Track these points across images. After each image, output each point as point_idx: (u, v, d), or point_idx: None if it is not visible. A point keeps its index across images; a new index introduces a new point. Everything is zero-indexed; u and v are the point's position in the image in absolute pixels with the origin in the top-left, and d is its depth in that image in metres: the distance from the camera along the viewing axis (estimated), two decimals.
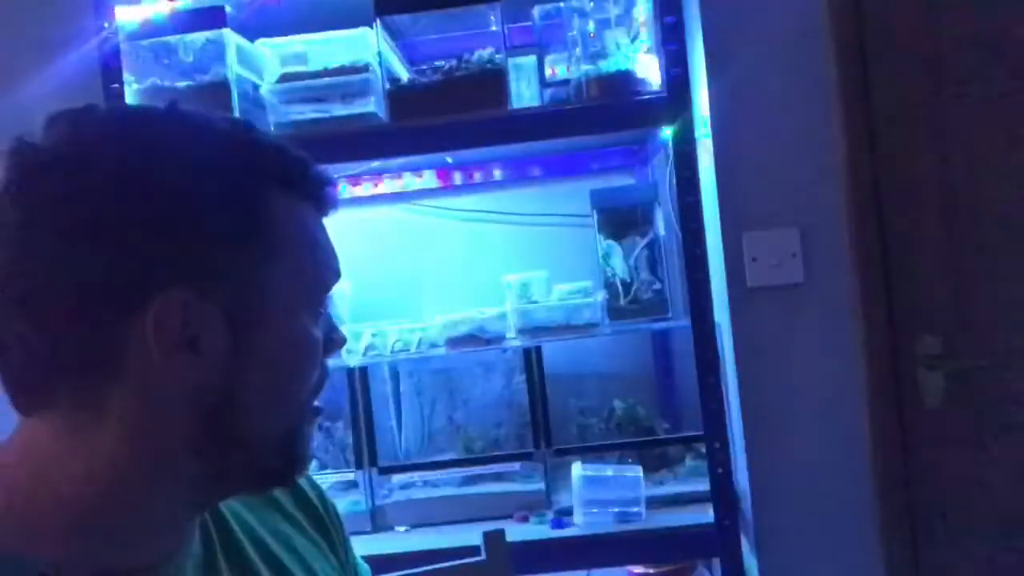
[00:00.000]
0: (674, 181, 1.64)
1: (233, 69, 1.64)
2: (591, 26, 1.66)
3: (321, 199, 0.66)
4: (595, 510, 1.67)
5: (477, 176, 2.07)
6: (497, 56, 1.65)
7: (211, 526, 0.69)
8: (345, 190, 2.02)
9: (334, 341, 0.68)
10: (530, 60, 1.78)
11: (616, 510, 1.66)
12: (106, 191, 0.57)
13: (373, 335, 1.82)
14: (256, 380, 0.61)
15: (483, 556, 1.25)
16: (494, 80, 1.64)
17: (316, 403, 0.67)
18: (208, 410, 0.59)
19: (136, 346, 0.57)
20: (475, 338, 1.79)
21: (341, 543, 0.83)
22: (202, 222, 0.58)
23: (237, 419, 0.61)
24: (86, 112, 0.61)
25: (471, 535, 1.40)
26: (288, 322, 0.62)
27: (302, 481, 0.81)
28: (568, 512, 1.71)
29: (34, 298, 0.56)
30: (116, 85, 1.62)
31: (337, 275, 0.67)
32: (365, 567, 0.89)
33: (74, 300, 0.56)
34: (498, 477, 1.84)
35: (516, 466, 1.82)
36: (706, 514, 1.61)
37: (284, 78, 1.68)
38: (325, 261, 0.66)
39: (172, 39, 1.65)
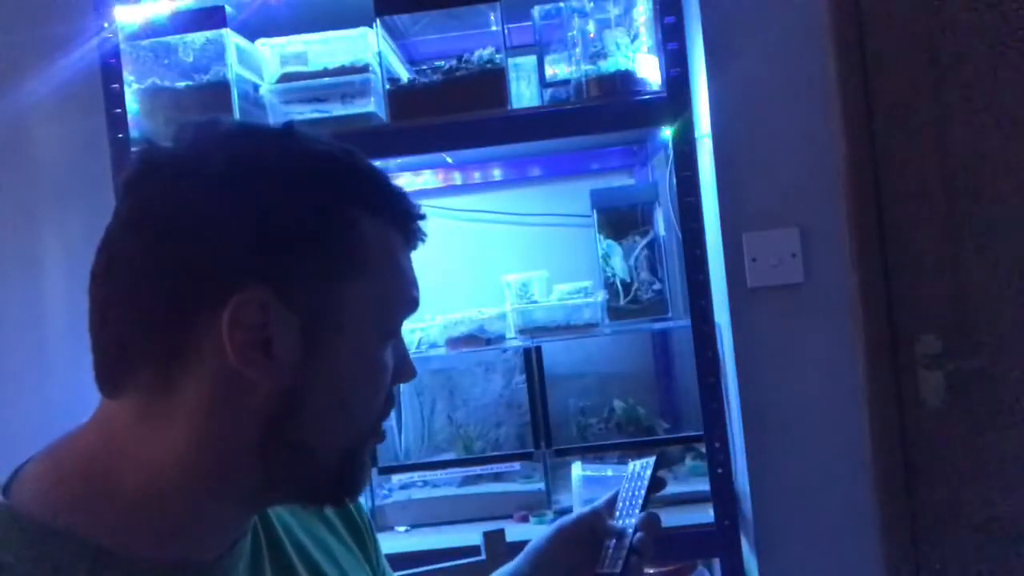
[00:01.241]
0: (674, 181, 1.64)
1: (233, 69, 1.64)
2: (591, 26, 1.66)
3: (411, 232, 0.68)
4: None
5: (477, 176, 2.07)
6: (497, 56, 1.65)
7: (259, 528, 0.71)
8: None
9: (403, 372, 0.70)
10: (530, 60, 1.78)
11: None
12: (207, 193, 0.59)
13: None
14: (321, 393, 0.62)
15: (483, 556, 1.25)
16: (494, 80, 1.64)
17: (381, 428, 0.69)
18: (272, 416, 0.60)
19: (212, 341, 0.58)
20: (475, 338, 1.79)
21: (375, 552, 0.85)
22: (292, 230, 0.60)
23: (299, 429, 0.61)
24: (210, 123, 0.64)
25: (471, 535, 1.41)
26: (361, 342, 0.63)
27: None
28: (568, 512, 1.70)
29: (133, 284, 0.59)
30: (116, 85, 1.62)
31: (415, 306, 0.69)
32: (392, 573, 0.91)
33: (166, 290, 0.58)
34: (498, 477, 1.84)
35: (516, 466, 1.82)
36: (706, 514, 1.61)
37: (284, 78, 1.68)
38: (405, 290, 0.68)
39: (172, 39, 1.65)
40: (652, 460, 1.02)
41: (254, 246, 0.59)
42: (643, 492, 1.01)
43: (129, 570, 0.58)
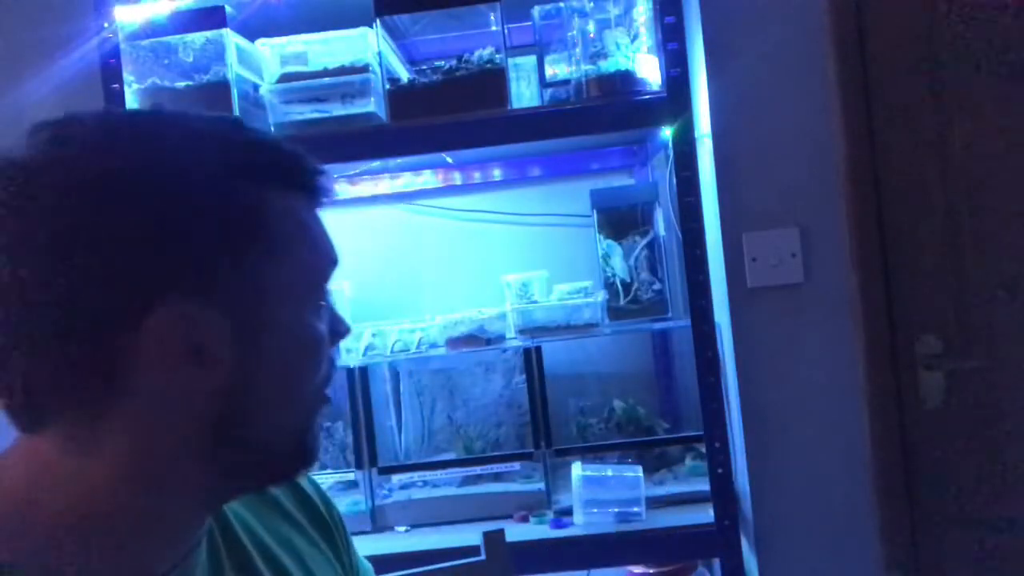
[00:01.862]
0: (674, 181, 1.64)
1: (233, 69, 1.64)
2: (591, 26, 1.66)
3: (314, 190, 0.65)
4: (595, 510, 1.67)
5: (477, 176, 2.07)
6: (497, 56, 1.65)
7: (216, 531, 0.69)
8: (345, 190, 2.02)
9: (339, 332, 0.68)
10: (530, 60, 1.78)
11: (616, 510, 1.67)
12: (91, 203, 0.54)
13: (373, 335, 1.82)
14: (265, 382, 0.60)
15: (483, 556, 1.25)
16: (494, 80, 1.64)
17: (325, 392, 0.67)
18: (217, 416, 0.59)
19: (139, 361, 0.55)
20: (475, 338, 1.79)
21: (343, 545, 0.83)
22: (195, 227, 0.56)
23: (247, 422, 0.60)
24: (68, 122, 0.59)
25: (471, 535, 1.41)
26: (292, 320, 0.62)
27: (305, 483, 0.81)
28: (568, 512, 1.71)
29: (30, 318, 0.54)
30: (116, 85, 1.62)
31: (335, 263, 0.66)
32: (368, 566, 0.89)
33: (70, 318, 0.54)
34: (498, 477, 1.84)
35: (516, 466, 1.82)
36: (706, 514, 1.61)
37: (284, 78, 1.68)
38: (323, 252, 0.65)
39: (172, 39, 1.65)
40: None
41: (157, 255, 0.55)
42: None
43: None
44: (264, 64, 1.72)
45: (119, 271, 0.54)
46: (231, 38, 1.64)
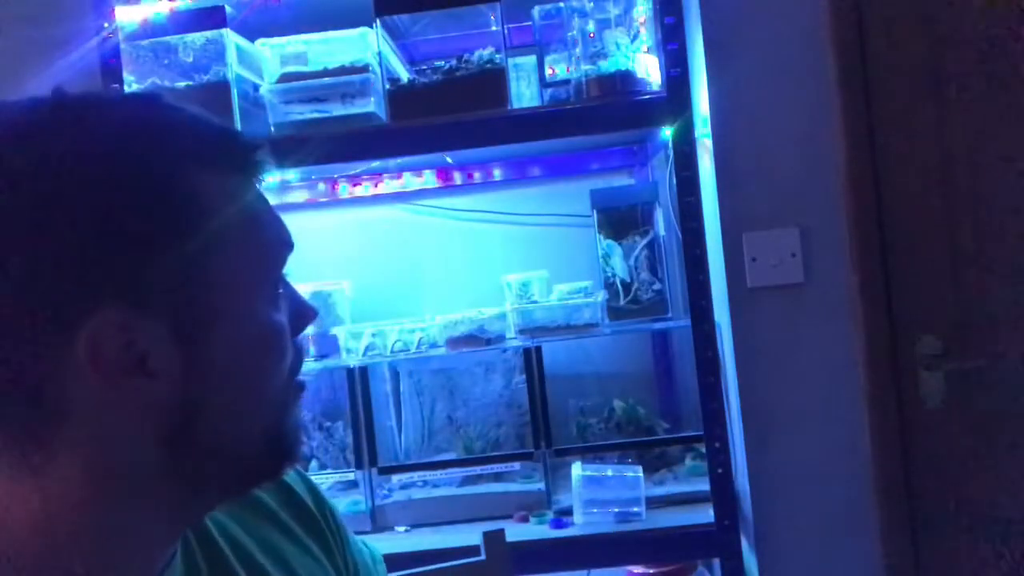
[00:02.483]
0: (674, 181, 1.64)
1: (233, 69, 1.64)
2: (591, 26, 1.66)
3: (251, 166, 0.58)
4: (595, 510, 1.67)
5: (477, 176, 2.07)
6: (497, 56, 1.65)
7: (193, 543, 0.64)
8: (345, 190, 2.02)
9: (303, 315, 0.62)
10: (530, 60, 1.78)
11: (616, 510, 1.67)
12: (8, 211, 0.49)
13: (373, 335, 1.82)
14: (221, 385, 0.55)
15: (483, 556, 1.25)
16: (494, 80, 1.64)
17: (298, 381, 0.62)
18: (173, 431, 0.53)
19: (76, 379, 0.50)
20: (475, 338, 1.79)
21: (339, 545, 0.78)
22: (120, 225, 0.50)
23: (206, 430, 0.54)
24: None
25: (471, 535, 1.41)
26: (243, 314, 0.56)
27: (297, 484, 0.77)
28: (568, 512, 1.71)
29: None
30: (116, 85, 1.62)
31: (288, 245, 0.60)
32: (375, 552, 0.85)
33: None
34: (498, 477, 1.84)
35: (516, 466, 1.82)
36: (706, 514, 1.61)
37: (284, 78, 1.68)
38: (271, 234, 0.59)
39: (172, 39, 1.65)
40: None
41: (82, 260, 0.49)
42: None
43: None
44: (264, 64, 1.72)
45: (38, 284, 0.49)
46: (231, 38, 1.64)
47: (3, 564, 0.52)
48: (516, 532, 1.62)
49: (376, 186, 2.04)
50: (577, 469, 1.71)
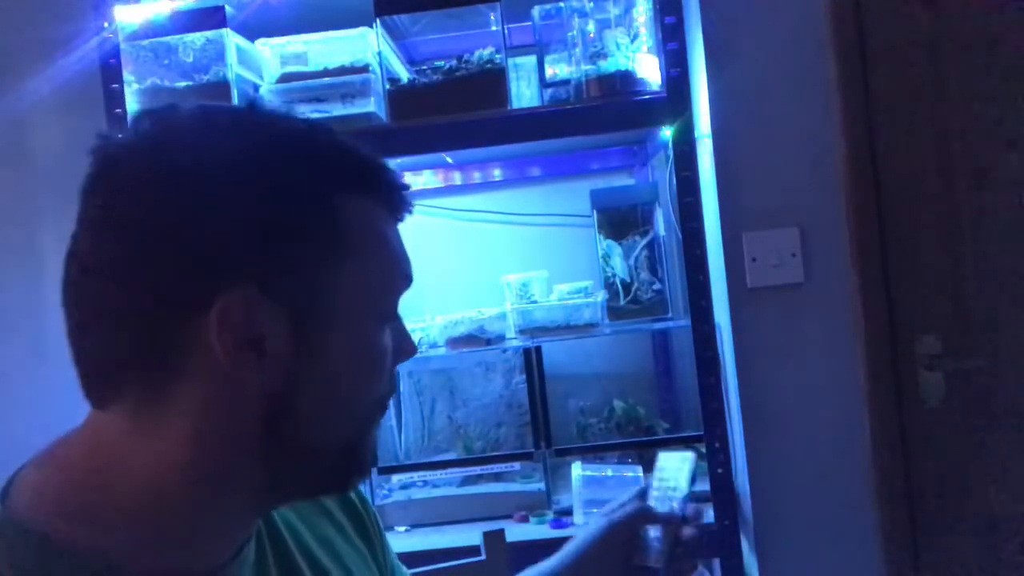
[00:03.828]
0: (674, 181, 1.64)
1: (233, 69, 1.64)
2: (591, 26, 1.66)
3: (395, 204, 0.65)
4: (595, 510, 1.67)
5: (477, 176, 2.07)
6: (497, 56, 1.65)
7: (263, 532, 0.69)
8: None
9: (404, 351, 0.67)
10: (530, 60, 1.78)
11: None
12: (177, 187, 0.56)
13: None
14: (319, 385, 0.59)
15: (483, 556, 1.25)
16: (494, 80, 1.64)
17: (383, 405, 0.66)
18: (269, 415, 0.58)
19: (200, 345, 0.56)
20: (475, 338, 1.79)
21: (382, 549, 0.83)
22: (271, 219, 0.57)
23: (299, 427, 0.59)
24: (168, 111, 0.60)
25: (471, 535, 1.41)
26: (355, 328, 0.61)
27: None
28: (568, 512, 1.71)
29: (108, 295, 0.56)
30: (116, 85, 1.62)
31: (408, 280, 0.66)
32: (405, 571, 0.89)
33: (144, 295, 0.55)
34: (498, 477, 1.84)
35: (516, 466, 1.82)
36: (706, 514, 1.60)
37: (284, 78, 1.68)
38: (398, 267, 0.65)
39: (172, 39, 1.65)
40: (690, 455, 0.98)
41: (233, 242, 0.56)
42: (686, 486, 0.97)
43: None
44: (264, 64, 1.72)
45: (192, 254, 0.55)
46: (231, 38, 1.64)
47: (117, 516, 0.57)
48: (516, 532, 1.62)
49: None
50: (577, 469, 1.71)
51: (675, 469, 0.99)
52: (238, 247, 0.56)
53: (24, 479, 0.60)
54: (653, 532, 0.94)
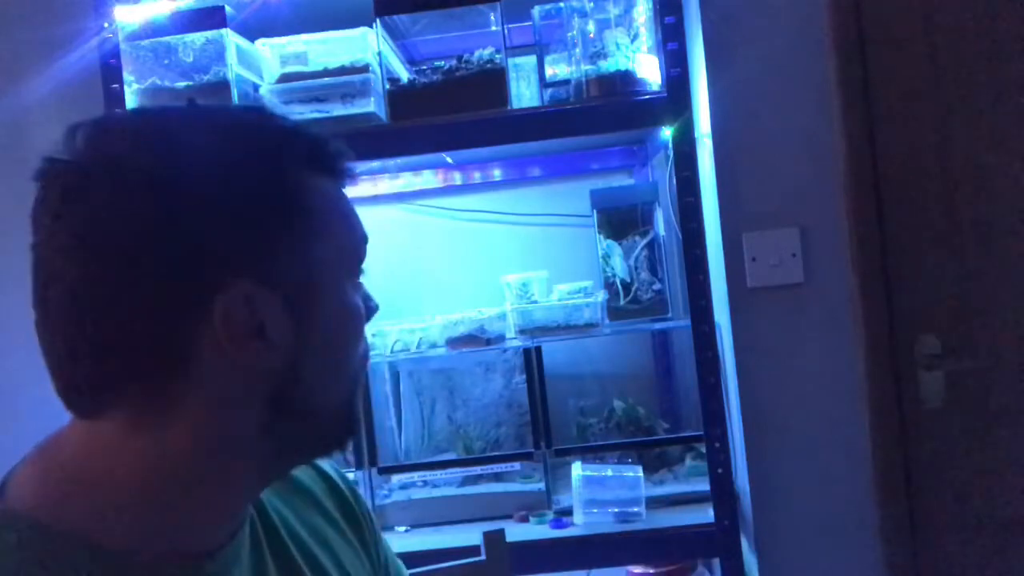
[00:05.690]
0: (674, 181, 1.64)
1: (233, 69, 1.64)
2: (591, 26, 1.66)
3: (340, 171, 0.68)
4: (595, 510, 1.67)
5: (477, 176, 2.07)
6: (497, 56, 1.65)
7: (256, 520, 0.71)
8: (345, 190, 2.02)
9: (371, 308, 0.71)
10: (530, 60, 1.78)
11: (616, 510, 1.67)
12: (146, 200, 0.57)
13: (373, 335, 1.82)
14: (317, 356, 0.63)
15: (483, 556, 1.25)
16: (494, 80, 1.64)
17: (366, 358, 0.71)
18: (277, 392, 0.62)
19: (206, 343, 0.58)
20: (475, 338, 1.79)
21: (373, 541, 0.84)
22: (246, 213, 0.59)
23: (303, 395, 0.63)
24: (104, 122, 0.61)
25: (471, 535, 1.41)
26: (336, 295, 0.65)
27: (337, 477, 0.84)
28: (568, 512, 1.71)
29: (100, 313, 0.57)
30: (116, 85, 1.62)
31: (366, 239, 0.70)
32: (402, 566, 0.90)
33: (139, 310, 0.57)
34: (498, 477, 1.84)
35: (516, 466, 1.82)
36: (706, 514, 1.61)
37: (284, 78, 1.68)
38: (355, 229, 0.69)
39: (172, 39, 1.65)
40: None
41: (215, 242, 0.58)
42: None
43: (131, 567, 0.58)
44: (264, 64, 1.72)
45: (179, 262, 0.57)
46: (231, 38, 1.64)
47: (110, 503, 0.59)
48: (516, 532, 1.62)
49: (376, 186, 2.04)
50: (577, 469, 1.71)
51: None
52: (223, 247, 0.58)
53: (20, 473, 0.61)
54: None
